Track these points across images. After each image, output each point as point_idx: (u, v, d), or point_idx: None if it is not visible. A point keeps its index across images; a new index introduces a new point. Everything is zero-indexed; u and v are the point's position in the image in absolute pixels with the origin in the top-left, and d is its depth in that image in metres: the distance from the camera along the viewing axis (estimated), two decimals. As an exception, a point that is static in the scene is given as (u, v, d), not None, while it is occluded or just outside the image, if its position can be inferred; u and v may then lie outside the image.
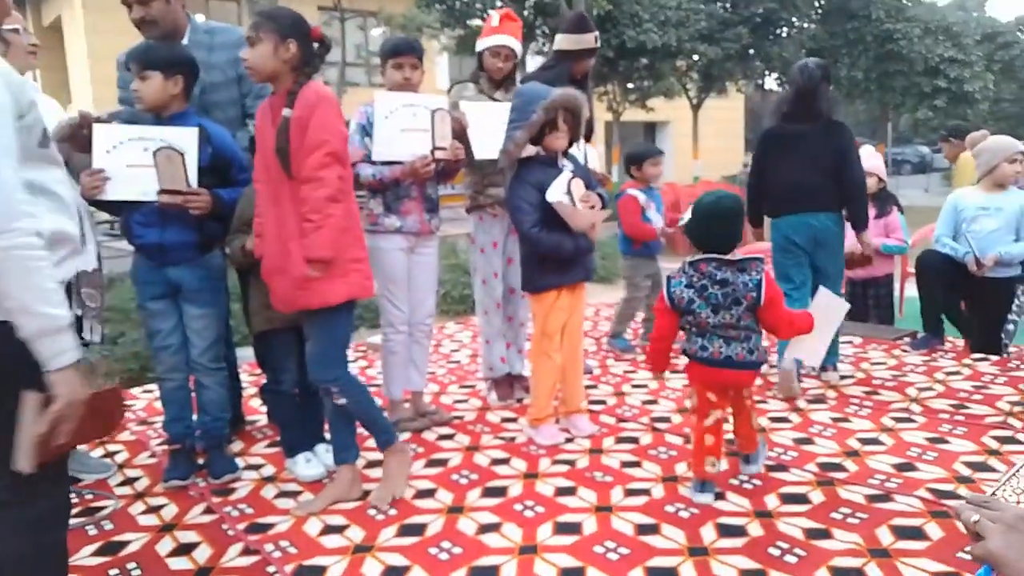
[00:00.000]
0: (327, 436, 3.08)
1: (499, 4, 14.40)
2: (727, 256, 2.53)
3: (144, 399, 4.01)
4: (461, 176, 3.69)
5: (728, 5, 18.63)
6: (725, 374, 2.58)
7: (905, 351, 4.31)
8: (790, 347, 2.98)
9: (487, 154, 3.33)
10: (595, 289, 5.92)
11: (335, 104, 2.49)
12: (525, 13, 14.70)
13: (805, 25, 20.95)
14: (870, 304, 4.96)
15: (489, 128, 3.34)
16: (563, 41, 3.86)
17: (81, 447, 3.06)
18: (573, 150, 3.21)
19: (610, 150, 19.05)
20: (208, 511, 2.66)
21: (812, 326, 2.63)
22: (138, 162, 2.73)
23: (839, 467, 2.79)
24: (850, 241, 4.84)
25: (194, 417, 2.99)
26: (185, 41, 3.11)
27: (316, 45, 2.51)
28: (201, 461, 3.00)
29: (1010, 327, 4.25)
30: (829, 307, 2.89)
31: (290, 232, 2.46)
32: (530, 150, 3.06)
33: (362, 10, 14.02)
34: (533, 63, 14.57)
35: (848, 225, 4.03)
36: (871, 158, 5.02)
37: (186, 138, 2.75)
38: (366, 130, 3.13)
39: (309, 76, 2.48)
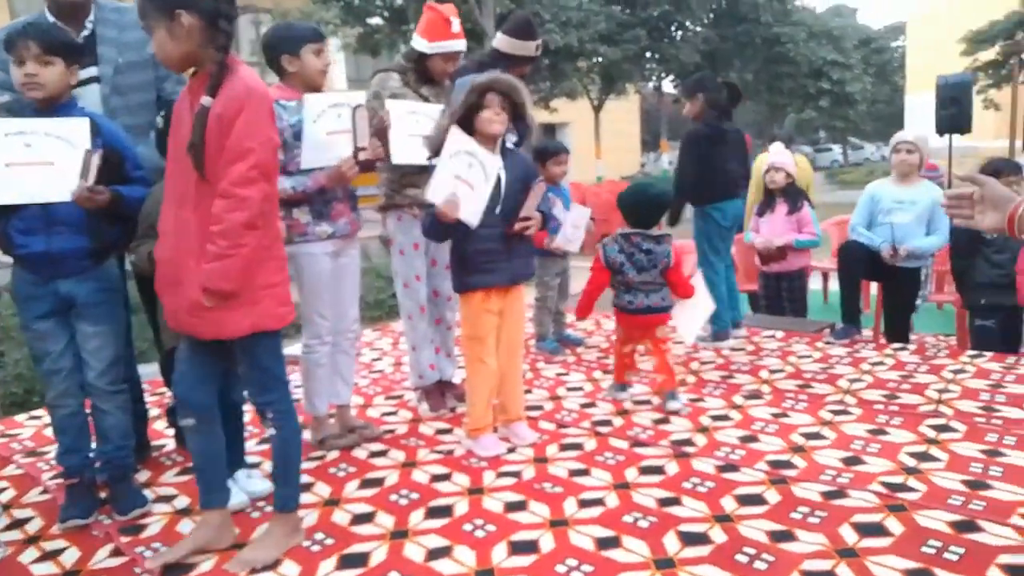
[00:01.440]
0: (248, 460, 2.82)
1: (399, 1, 14.10)
2: (650, 231, 3.41)
3: (31, 427, 3.59)
4: (376, 176, 3.47)
5: (626, 8, 18.94)
6: (646, 318, 3.49)
7: (829, 343, 4.36)
8: (676, 319, 3.61)
9: (406, 158, 3.13)
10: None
11: (267, 101, 2.12)
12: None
13: (698, 28, 21.58)
14: (784, 296, 5.06)
15: (414, 130, 3.13)
16: (503, 43, 3.71)
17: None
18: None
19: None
20: (116, 553, 2.35)
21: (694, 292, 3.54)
22: (20, 160, 2.40)
23: (789, 464, 2.74)
24: (765, 236, 4.95)
25: (93, 446, 2.66)
26: (91, 19, 2.86)
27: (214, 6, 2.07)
28: (104, 495, 2.67)
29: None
30: (701, 289, 3.61)
31: (191, 244, 2.08)
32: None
33: (255, 6, 13.43)
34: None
35: (760, 220, 5.03)
36: (781, 155, 5.11)
37: (77, 131, 2.44)
38: (280, 135, 2.85)
39: (226, 49, 2.09)
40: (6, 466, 3.13)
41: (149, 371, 3.62)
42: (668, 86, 26.67)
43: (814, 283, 6.12)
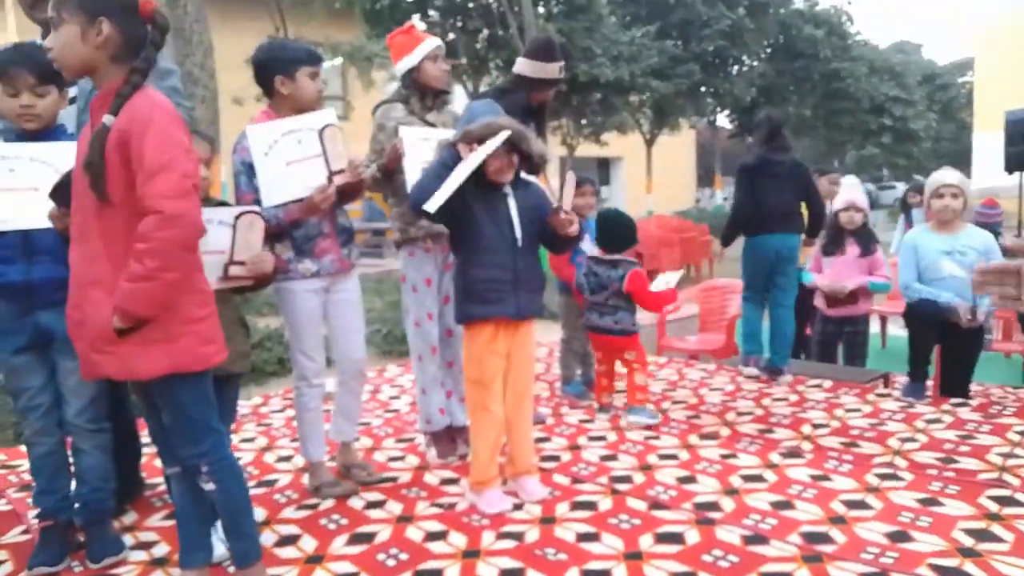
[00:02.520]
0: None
1: (451, 36, 14.15)
2: (607, 256, 3.74)
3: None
4: (388, 207, 3.30)
5: (679, 42, 18.74)
6: (603, 338, 3.81)
7: (882, 395, 4.00)
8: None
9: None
10: (551, 327, 5.53)
11: (175, 117, 1.89)
12: (478, 47, 14.50)
13: (754, 63, 21.23)
14: (844, 343, 4.69)
15: (428, 156, 2.95)
16: (524, 66, 3.53)
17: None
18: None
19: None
20: (77, 608, 2.18)
21: (670, 300, 3.88)
22: (2, 186, 2.29)
23: (826, 538, 2.42)
24: (833, 279, 4.58)
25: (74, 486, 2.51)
26: None
27: (147, 27, 1.90)
28: (83, 538, 2.52)
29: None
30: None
31: (96, 272, 1.86)
32: None
33: (307, 39, 13.68)
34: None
35: (825, 260, 4.72)
36: (854, 189, 4.79)
37: (64, 156, 2.32)
38: (253, 168, 2.67)
39: (143, 72, 1.86)
40: (-5, 501, 3.01)
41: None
42: (723, 121, 26.32)
43: (872, 326, 5.70)
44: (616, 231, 3.77)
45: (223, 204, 2.51)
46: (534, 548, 2.42)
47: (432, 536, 2.54)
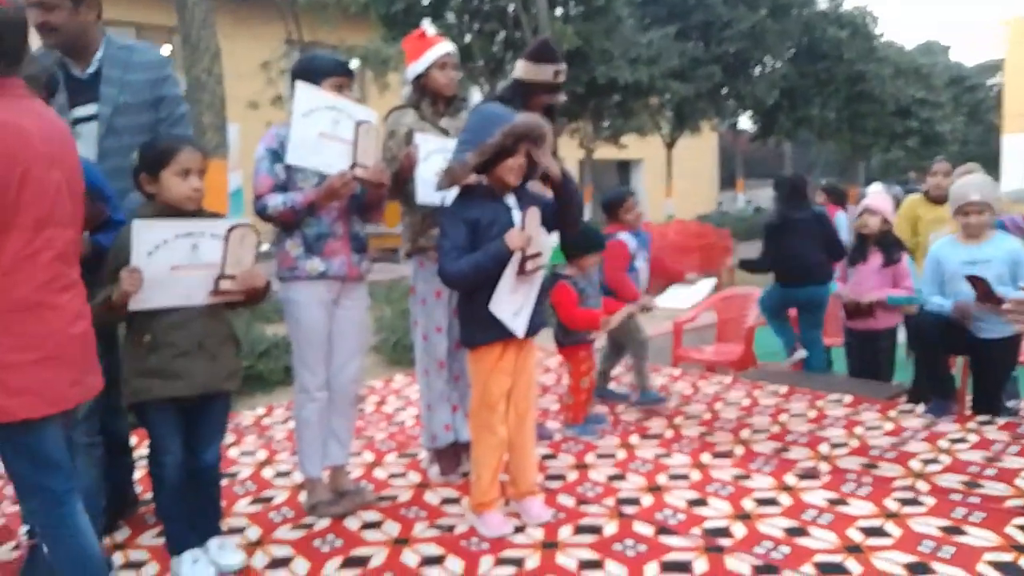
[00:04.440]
0: (222, 528, 2.56)
1: (468, 39, 14.06)
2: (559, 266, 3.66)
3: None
4: (397, 216, 3.22)
5: (700, 44, 18.53)
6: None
7: (905, 412, 3.84)
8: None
9: (432, 198, 2.85)
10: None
11: (8, 127, 1.75)
12: (495, 49, 14.40)
13: (777, 65, 20.93)
14: (865, 358, 4.50)
15: (441, 167, 2.86)
16: (520, 68, 3.35)
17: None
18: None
19: (582, 189, 18.71)
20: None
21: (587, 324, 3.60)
22: None
23: (840, 569, 2.30)
24: (853, 289, 4.42)
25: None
26: (99, 55, 2.74)
27: None
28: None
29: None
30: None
31: None
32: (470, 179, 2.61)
33: (323, 43, 13.63)
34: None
35: (849, 270, 4.53)
36: (877, 196, 4.62)
37: None
38: (278, 155, 2.65)
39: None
40: (-11, 514, 2.96)
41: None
42: (745, 123, 26.02)
43: (900, 335, 5.48)
44: (565, 241, 3.59)
45: (216, 216, 2.43)
46: (533, 576, 2.31)
47: (428, 561, 2.44)
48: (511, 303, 2.54)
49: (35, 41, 2.69)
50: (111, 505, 2.72)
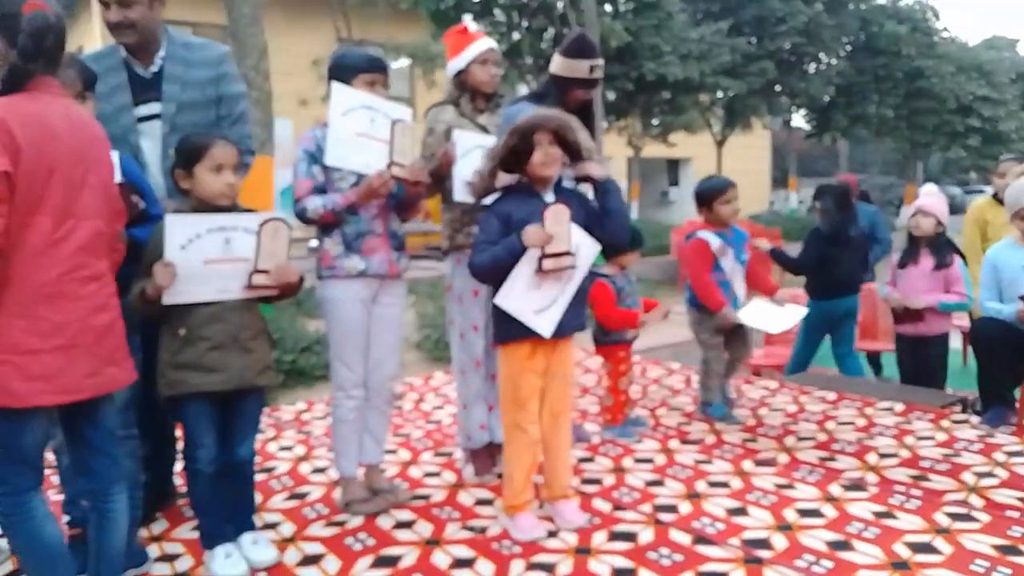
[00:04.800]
0: (256, 523, 2.57)
1: (516, 36, 14.02)
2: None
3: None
4: (438, 214, 3.20)
5: (753, 39, 18.15)
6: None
7: (957, 422, 3.69)
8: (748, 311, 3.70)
9: (470, 196, 2.82)
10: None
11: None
12: (543, 46, 14.32)
13: (832, 61, 20.40)
14: (917, 365, 4.33)
15: (479, 164, 2.84)
16: (555, 63, 3.26)
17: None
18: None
19: (629, 186, 18.53)
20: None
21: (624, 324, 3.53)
22: None
23: (886, 587, 2.21)
24: (903, 292, 4.27)
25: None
26: (162, 53, 2.78)
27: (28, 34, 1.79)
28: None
29: None
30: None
31: None
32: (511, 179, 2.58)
33: (372, 40, 13.73)
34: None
35: (899, 272, 4.36)
36: (932, 196, 4.43)
37: None
38: (315, 157, 2.65)
39: (14, 82, 1.79)
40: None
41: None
42: (799, 121, 25.43)
43: (953, 341, 5.28)
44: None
45: (249, 211, 2.44)
46: (564, 583, 2.27)
47: (459, 563, 2.42)
48: (528, 300, 2.50)
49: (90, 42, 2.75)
50: (150, 496, 2.75)
